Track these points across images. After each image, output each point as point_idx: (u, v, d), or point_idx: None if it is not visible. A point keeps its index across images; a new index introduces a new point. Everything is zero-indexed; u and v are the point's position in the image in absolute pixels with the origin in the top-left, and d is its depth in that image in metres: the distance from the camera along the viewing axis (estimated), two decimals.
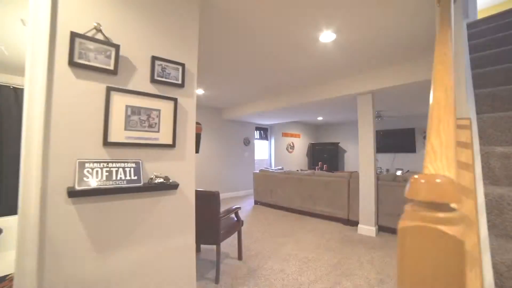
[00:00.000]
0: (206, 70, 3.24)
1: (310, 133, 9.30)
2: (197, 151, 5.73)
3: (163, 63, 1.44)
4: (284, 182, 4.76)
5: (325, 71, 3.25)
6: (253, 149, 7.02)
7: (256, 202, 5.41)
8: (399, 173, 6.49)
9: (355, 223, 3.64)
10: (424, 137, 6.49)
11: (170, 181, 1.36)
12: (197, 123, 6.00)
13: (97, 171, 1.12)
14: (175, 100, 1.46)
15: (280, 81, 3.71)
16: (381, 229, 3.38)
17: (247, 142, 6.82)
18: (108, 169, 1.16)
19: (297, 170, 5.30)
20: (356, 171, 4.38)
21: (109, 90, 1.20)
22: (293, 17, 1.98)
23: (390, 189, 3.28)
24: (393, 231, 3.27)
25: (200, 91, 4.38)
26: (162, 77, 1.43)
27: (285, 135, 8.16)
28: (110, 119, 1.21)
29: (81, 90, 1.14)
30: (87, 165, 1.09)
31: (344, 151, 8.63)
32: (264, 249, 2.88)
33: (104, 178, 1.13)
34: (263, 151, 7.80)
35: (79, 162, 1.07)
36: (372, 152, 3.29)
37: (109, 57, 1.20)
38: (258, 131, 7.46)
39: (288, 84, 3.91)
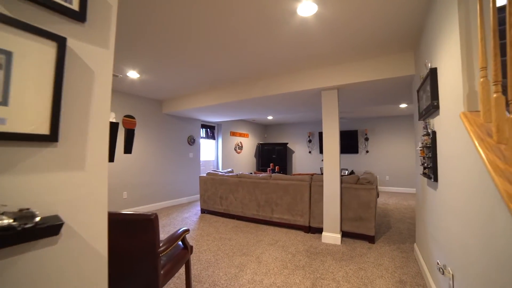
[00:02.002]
0: (141, 46, 2.36)
1: (258, 133, 8.98)
2: (129, 151, 4.55)
3: None
4: (236, 186, 4.16)
5: (292, 59, 2.80)
6: (198, 149, 6.16)
7: (203, 211, 4.64)
8: (344, 173, 6.73)
9: (317, 230, 3.34)
10: (366, 139, 6.92)
11: (36, 219, 0.59)
12: (131, 117, 4.80)
13: None
14: (60, 41, 0.69)
15: (236, 70, 3.10)
16: (344, 234, 3.15)
17: (192, 141, 5.93)
18: None
19: (251, 173, 4.79)
20: (316, 173, 4.15)
21: None
22: None
23: (354, 192, 3.07)
24: (356, 236, 3.08)
25: (134, 74, 3.37)
26: None
27: (233, 134, 7.56)
28: None
29: None
30: None
31: (292, 151, 8.61)
32: (220, 277, 2.23)
33: None
34: (209, 151, 7.01)
35: None
36: (338, 152, 3.02)
37: None
38: (204, 129, 6.64)
39: (244, 75, 3.34)
